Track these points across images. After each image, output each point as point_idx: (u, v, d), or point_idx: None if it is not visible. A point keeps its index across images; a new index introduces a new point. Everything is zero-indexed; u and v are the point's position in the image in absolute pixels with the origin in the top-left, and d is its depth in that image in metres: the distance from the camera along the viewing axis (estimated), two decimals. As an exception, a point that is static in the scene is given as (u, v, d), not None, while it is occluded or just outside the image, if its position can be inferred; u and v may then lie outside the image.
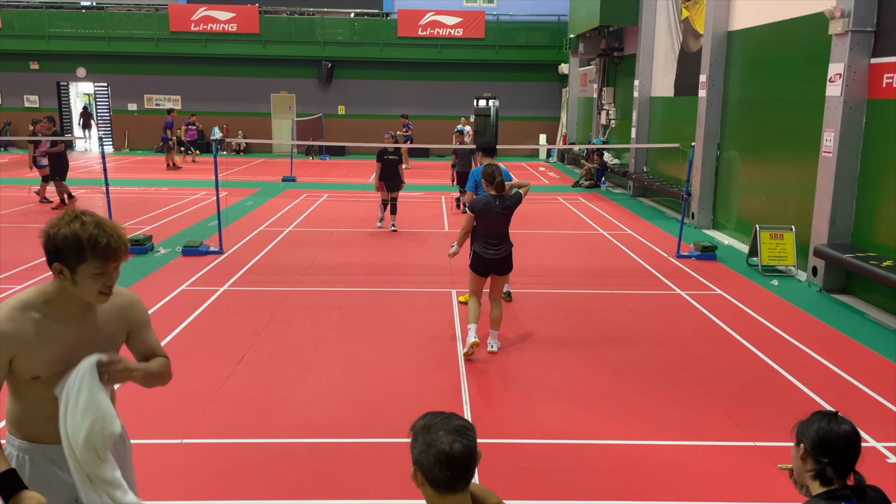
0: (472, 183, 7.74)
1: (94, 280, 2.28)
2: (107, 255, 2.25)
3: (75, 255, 2.23)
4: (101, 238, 2.24)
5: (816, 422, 2.22)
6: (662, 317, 7.64)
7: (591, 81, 22.19)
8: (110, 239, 2.25)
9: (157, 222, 12.49)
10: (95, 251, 2.23)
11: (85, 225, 2.24)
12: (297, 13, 26.59)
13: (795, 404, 5.45)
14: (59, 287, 2.32)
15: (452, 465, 1.93)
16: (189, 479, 4.26)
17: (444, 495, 1.97)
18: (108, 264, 2.28)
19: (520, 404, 5.42)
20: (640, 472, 4.44)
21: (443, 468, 1.93)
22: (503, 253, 6.29)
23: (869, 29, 8.27)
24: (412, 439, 2.03)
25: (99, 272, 2.27)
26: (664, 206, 15.67)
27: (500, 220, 6.23)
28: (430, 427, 1.99)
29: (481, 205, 6.21)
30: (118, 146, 27.22)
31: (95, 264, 2.25)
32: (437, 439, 1.95)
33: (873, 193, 8.33)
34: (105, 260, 2.26)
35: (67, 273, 2.26)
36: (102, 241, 2.24)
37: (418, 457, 1.97)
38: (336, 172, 21.17)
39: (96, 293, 2.31)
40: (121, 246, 2.29)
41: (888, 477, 4.39)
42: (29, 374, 2.31)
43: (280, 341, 6.65)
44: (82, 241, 2.22)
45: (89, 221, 2.25)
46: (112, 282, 2.34)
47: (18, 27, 25.19)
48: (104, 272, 2.28)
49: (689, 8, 14.30)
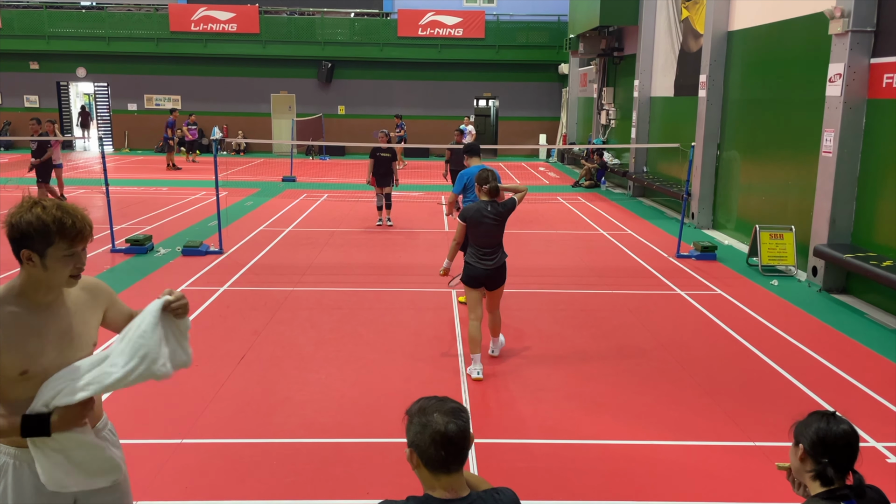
0: (461, 185, 7.58)
1: (63, 263, 2.28)
2: (73, 236, 2.26)
3: (42, 238, 2.23)
4: (66, 219, 2.24)
5: (815, 422, 2.22)
6: (662, 317, 7.64)
7: (591, 81, 22.19)
8: (75, 220, 2.26)
9: (157, 222, 12.49)
10: (62, 233, 2.24)
11: (46, 209, 2.25)
12: (297, 13, 26.59)
13: (795, 404, 5.45)
14: (28, 277, 2.31)
15: (448, 444, 1.99)
16: (189, 479, 4.26)
17: (439, 476, 2.03)
18: (76, 245, 2.28)
19: (520, 404, 5.42)
20: (640, 472, 4.44)
21: (438, 448, 1.99)
22: (496, 263, 5.91)
23: (869, 29, 8.27)
24: (408, 422, 2.08)
25: (68, 254, 2.27)
26: (664, 206, 15.67)
27: (493, 228, 5.84)
28: (426, 409, 2.06)
29: (472, 212, 5.84)
30: (118, 146, 27.22)
31: (63, 246, 2.25)
32: (432, 420, 2.01)
33: (873, 193, 8.33)
34: (72, 241, 2.26)
35: (37, 258, 2.25)
36: (68, 222, 2.24)
37: (414, 438, 2.03)
38: (336, 172, 21.17)
39: (67, 276, 2.31)
40: (86, 226, 2.30)
41: (888, 477, 4.39)
42: (17, 370, 2.27)
43: (280, 341, 6.65)
44: (48, 224, 2.22)
45: (50, 205, 2.26)
46: (82, 264, 2.34)
47: (18, 27, 25.20)
48: (73, 254, 2.29)
49: (689, 8, 14.30)
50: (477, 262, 5.90)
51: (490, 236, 5.86)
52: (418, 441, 2.03)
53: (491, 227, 5.84)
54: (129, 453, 4.46)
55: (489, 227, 5.83)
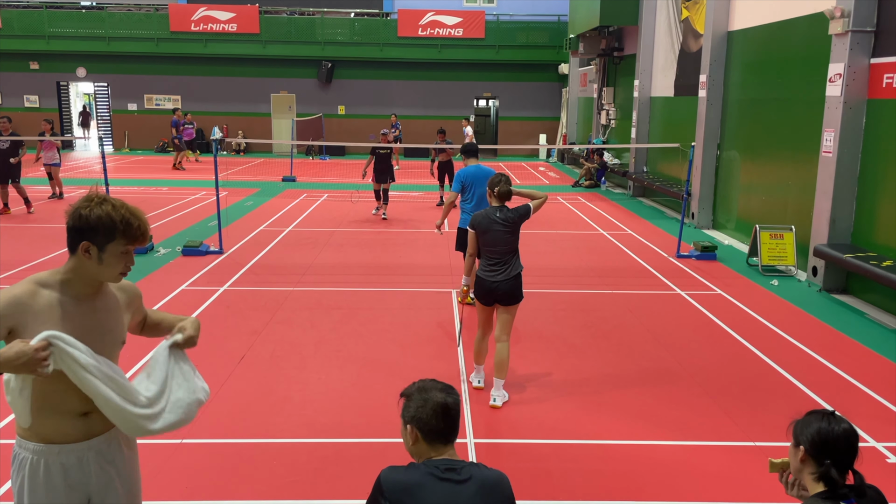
0: (458, 183, 7.57)
1: (118, 259, 2.39)
2: (135, 237, 2.40)
3: (107, 234, 2.35)
4: (133, 221, 2.39)
5: (815, 422, 2.21)
6: (662, 317, 7.64)
7: (591, 81, 22.19)
8: (140, 222, 2.42)
9: (157, 222, 12.49)
10: (126, 232, 2.37)
11: (116, 207, 2.38)
12: (297, 13, 26.59)
13: (795, 404, 5.44)
14: (77, 267, 2.38)
15: (448, 415, 2.27)
16: (189, 479, 4.27)
17: (437, 447, 2.28)
18: (132, 245, 2.42)
19: (520, 404, 5.42)
20: (640, 472, 4.44)
21: (440, 419, 2.26)
22: (508, 276, 5.32)
23: (869, 29, 8.27)
24: (405, 403, 2.33)
25: (125, 251, 2.40)
26: (664, 206, 15.68)
27: (503, 235, 5.32)
28: (424, 388, 2.33)
29: (481, 218, 5.38)
30: (118, 146, 27.22)
31: (123, 243, 2.38)
32: (433, 395, 2.29)
33: (873, 193, 8.33)
34: (132, 241, 2.40)
35: (95, 252, 2.36)
36: (134, 223, 2.39)
37: (416, 413, 2.27)
38: (336, 172, 21.17)
39: (118, 273, 2.43)
40: (147, 230, 2.45)
41: (888, 477, 4.39)
42: None
43: (280, 341, 6.65)
44: (116, 222, 2.35)
45: (119, 205, 2.40)
46: (132, 263, 2.46)
47: (18, 27, 25.20)
48: (128, 252, 2.41)
49: (689, 8, 14.30)
50: (486, 275, 5.36)
51: (500, 244, 5.34)
52: (420, 414, 2.26)
53: (501, 235, 5.32)
54: (129, 453, 4.48)
55: (499, 235, 5.32)
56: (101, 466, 2.50)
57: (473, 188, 7.52)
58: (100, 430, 2.49)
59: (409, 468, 2.25)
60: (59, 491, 2.42)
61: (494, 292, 5.35)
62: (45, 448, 2.41)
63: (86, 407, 2.42)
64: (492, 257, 5.38)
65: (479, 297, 5.46)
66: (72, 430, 2.42)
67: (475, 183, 7.51)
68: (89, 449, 2.47)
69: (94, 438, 2.47)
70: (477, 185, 7.50)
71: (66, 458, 2.43)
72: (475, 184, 7.51)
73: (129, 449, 2.63)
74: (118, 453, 2.56)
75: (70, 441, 2.42)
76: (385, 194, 13.04)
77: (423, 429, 2.26)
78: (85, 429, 2.44)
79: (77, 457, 2.44)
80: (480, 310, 5.51)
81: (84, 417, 2.43)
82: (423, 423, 2.25)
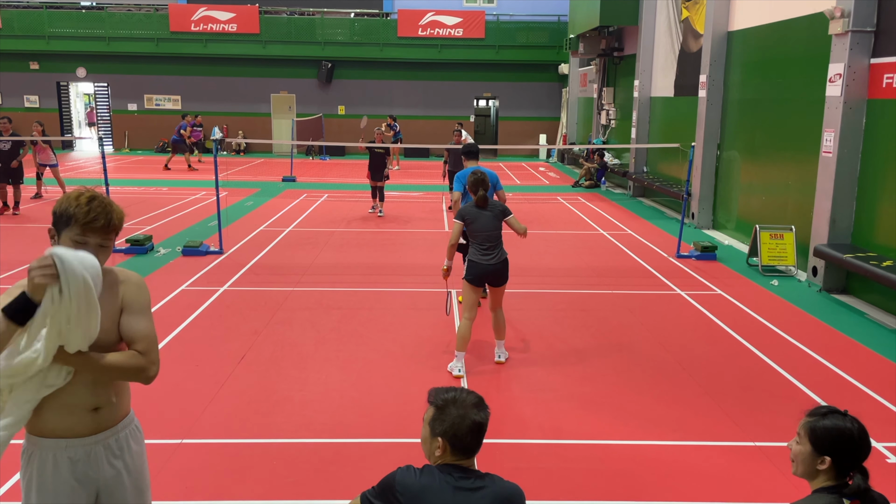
0: (459, 184, 7.62)
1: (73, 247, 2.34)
2: (85, 223, 2.35)
3: (64, 220, 2.38)
4: (83, 207, 2.36)
5: (826, 420, 2.20)
6: (662, 317, 7.64)
7: (591, 81, 22.19)
8: (92, 209, 2.36)
9: (157, 222, 12.49)
10: (76, 217, 2.35)
11: (80, 196, 2.39)
12: (297, 13, 26.58)
13: (795, 404, 5.45)
14: None
15: (480, 433, 2.29)
16: (189, 479, 4.27)
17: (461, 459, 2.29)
18: (87, 235, 2.37)
19: (520, 404, 5.42)
20: (640, 472, 4.44)
21: (474, 436, 2.27)
22: (498, 259, 5.97)
23: (869, 29, 8.27)
24: (437, 414, 2.29)
25: (79, 241, 2.36)
26: (664, 206, 15.67)
27: (490, 221, 5.94)
28: (458, 401, 2.30)
29: (468, 208, 5.99)
30: (118, 146, 27.22)
31: (75, 230, 2.36)
32: (469, 412, 2.28)
33: (873, 193, 8.33)
34: (83, 228, 2.36)
35: (56, 238, 2.40)
36: (83, 210, 2.35)
37: (450, 428, 2.25)
38: (336, 172, 21.17)
39: None
40: (100, 217, 2.37)
41: (888, 477, 4.39)
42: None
43: (280, 341, 6.65)
44: (70, 208, 2.37)
45: (86, 195, 2.40)
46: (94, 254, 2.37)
47: (18, 27, 25.19)
48: (84, 242, 2.37)
49: (689, 8, 14.30)
50: (480, 259, 5.94)
51: (490, 229, 5.93)
52: (455, 430, 2.25)
53: (488, 221, 5.92)
54: (129, 453, 4.47)
55: (487, 220, 5.92)
56: (109, 461, 2.51)
57: None
58: (108, 424, 2.50)
59: (424, 472, 2.27)
60: (67, 485, 2.43)
61: (488, 274, 5.96)
62: (54, 442, 2.43)
63: (97, 402, 2.44)
64: (483, 243, 5.95)
65: (472, 280, 5.99)
66: (80, 424, 2.43)
67: None
68: (97, 443, 2.48)
69: (101, 433, 2.49)
70: None
71: (74, 453, 2.44)
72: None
73: (137, 443, 2.64)
74: (126, 447, 2.57)
75: (78, 435, 2.44)
76: (381, 192, 13.28)
77: (455, 444, 2.26)
78: (94, 423, 2.46)
79: (85, 451, 2.45)
80: (471, 291, 6.04)
81: (94, 412, 2.45)
82: (458, 439, 2.26)
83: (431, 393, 2.38)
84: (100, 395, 2.45)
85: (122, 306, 2.48)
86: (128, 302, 2.49)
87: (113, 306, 2.46)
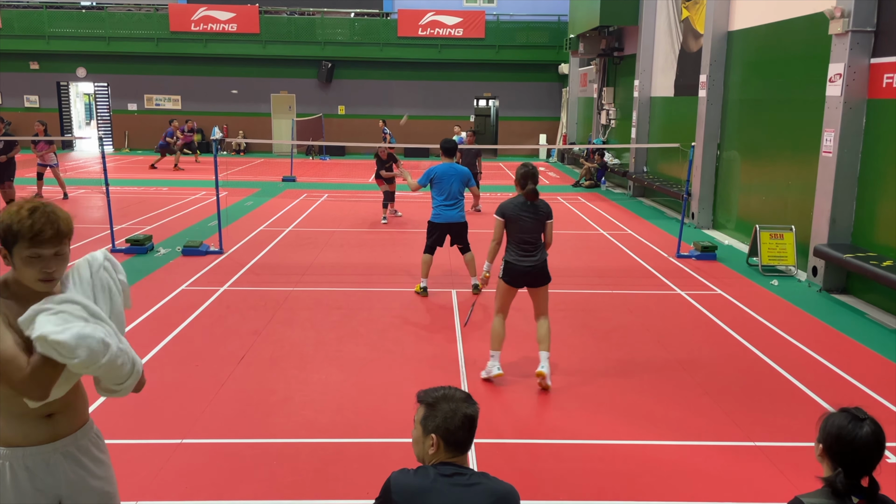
0: (426, 178, 8.13)
1: (27, 264, 2.24)
2: (32, 237, 2.21)
3: (9, 237, 2.23)
4: (27, 221, 2.21)
5: (839, 421, 2.21)
6: (662, 317, 7.64)
7: (591, 81, 22.19)
8: (36, 221, 2.21)
9: (157, 222, 12.49)
10: (21, 234, 2.21)
11: (21, 209, 2.24)
12: (297, 13, 26.59)
13: (795, 404, 5.45)
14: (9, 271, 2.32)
15: (472, 426, 2.32)
16: (189, 479, 4.26)
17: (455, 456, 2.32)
18: (37, 248, 2.22)
19: (520, 404, 5.42)
20: (640, 473, 4.43)
21: (466, 429, 2.31)
22: (540, 260, 5.65)
23: (869, 29, 8.27)
24: (428, 411, 2.32)
25: (31, 255, 2.23)
26: (664, 206, 15.67)
27: (532, 224, 5.62)
28: (449, 397, 2.34)
29: (510, 208, 5.63)
30: (118, 146, 27.22)
31: (24, 246, 2.22)
32: (459, 406, 2.31)
33: (873, 193, 8.33)
34: (31, 241, 2.21)
35: (8, 257, 2.27)
36: (27, 224, 2.21)
37: (443, 423, 2.28)
38: (336, 172, 21.17)
39: (35, 279, 2.27)
40: (46, 229, 2.22)
41: (888, 477, 4.38)
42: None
43: (280, 341, 6.65)
44: (12, 224, 2.22)
45: (27, 206, 2.24)
46: (51, 269, 2.27)
47: (18, 27, 25.19)
48: (37, 255, 2.23)
49: (689, 8, 14.30)
50: (518, 260, 5.64)
51: (530, 231, 5.63)
52: (447, 425, 2.28)
53: (529, 223, 5.62)
54: (130, 453, 4.48)
55: (529, 223, 5.61)
56: (71, 468, 2.44)
57: (443, 184, 8.14)
58: (65, 431, 2.42)
59: (418, 472, 2.28)
60: (27, 494, 2.35)
61: (527, 275, 5.66)
62: (10, 452, 2.34)
63: (49, 408, 2.35)
64: (522, 244, 5.65)
65: (509, 280, 5.71)
66: (35, 432, 2.35)
67: (445, 180, 8.14)
68: (55, 451, 2.40)
69: (59, 440, 2.41)
70: (446, 182, 8.13)
71: (31, 462, 2.36)
72: (445, 180, 8.14)
73: (99, 450, 2.56)
74: (87, 454, 2.49)
75: (34, 443, 2.35)
76: (390, 196, 13.20)
77: (448, 439, 2.29)
78: (50, 431, 2.38)
79: (43, 459, 2.37)
80: (506, 292, 5.78)
81: (48, 419, 2.37)
82: (451, 433, 2.29)
83: (420, 394, 2.41)
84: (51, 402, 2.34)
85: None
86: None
87: None
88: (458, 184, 8.20)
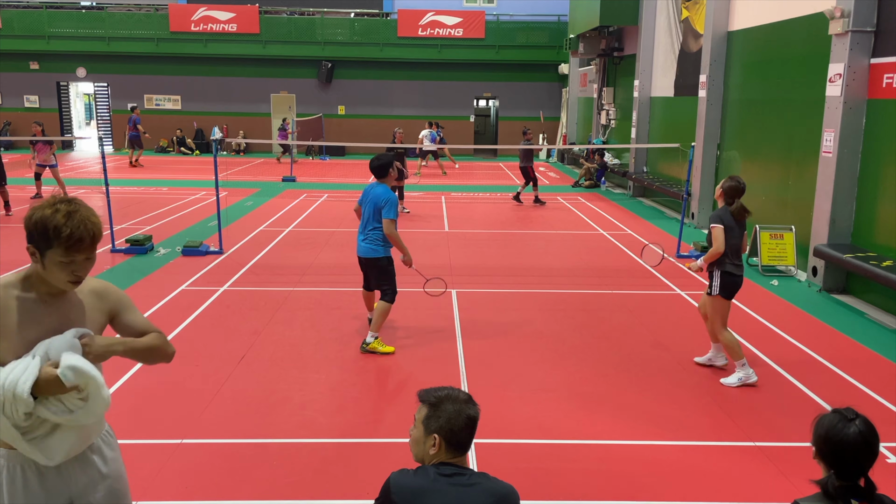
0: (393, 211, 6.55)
1: (60, 267, 2.28)
2: (69, 246, 2.25)
3: (43, 240, 2.26)
4: (65, 229, 2.23)
5: (828, 421, 2.21)
6: (662, 317, 7.64)
7: (591, 81, 22.19)
8: (74, 229, 2.24)
9: (157, 222, 12.49)
10: (59, 240, 2.24)
11: (57, 212, 2.25)
12: (297, 13, 26.59)
13: (795, 404, 5.45)
14: (34, 269, 2.34)
15: (474, 427, 2.33)
16: (189, 479, 4.26)
17: (455, 456, 2.32)
18: (73, 254, 2.27)
19: (520, 404, 5.42)
20: (640, 473, 4.44)
21: (469, 430, 2.32)
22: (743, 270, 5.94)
23: (869, 29, 8.27)
24: (431, 411, 2.32)
25: (65, 260, 2.27)
26: (664, 206, 15.67)
27: (740, 235, 5.94)
28: (452, 397, 2.34)
29: (728, 217, 5.89)
30: (118, 146, 27.22)
31: (60, 252, 2.25)
32: (463, 407, 2.32)
33: (873, 193, 8.33)
34: (68, 250, 2.25)
35: (38, 256, 2.29)
36: (65, 232, 2.23)
37: (446, 423, 2.29)
38: (336, 172, 21.17)
39: (64, 281, 2.32)
40: (85, 237, 2.27)
41: (888, 477, 4.38)
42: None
43: (280, 341, 6.65)
44: (48, 229, 2.24)
45: (62, 210, 2.26)
46: (81, 271, 2.33)
47: (18, 27, 25.19)
48: (71, 261, 2.28)
49: (689, 8, 14.30)
50: (736, 269, 5.89)
51: (739, 240, 5.95)
52: (451, 425, 2.29)
53: (739, 235, 5.92)
54: (129, 453, 4.46)
55: (738, 234, 5.91)
56: (81, 468, 2.44)
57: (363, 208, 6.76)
58: None
59: (418, 472, 2.28)
60: (38, 495, 2.36)
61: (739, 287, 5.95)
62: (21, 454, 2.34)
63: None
64: (737, 255, 5.90)
65: (727, 296, 5.91)
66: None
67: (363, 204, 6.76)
68: None
69: None
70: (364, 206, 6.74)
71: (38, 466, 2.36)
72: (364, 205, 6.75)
73: (111, 449, 2.57)
74: (98, 453, 2.50)
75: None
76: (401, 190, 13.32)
77: (450, 440, 2.29)
78: None
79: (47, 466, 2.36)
80: (727, 307, 5.96)
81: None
82: (454, 434, 2.29)
83: (422, 393, 2.40)
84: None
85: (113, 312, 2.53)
86: (120, 306, 2.55)
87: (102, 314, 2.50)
88: (369, 208, 6.68)
